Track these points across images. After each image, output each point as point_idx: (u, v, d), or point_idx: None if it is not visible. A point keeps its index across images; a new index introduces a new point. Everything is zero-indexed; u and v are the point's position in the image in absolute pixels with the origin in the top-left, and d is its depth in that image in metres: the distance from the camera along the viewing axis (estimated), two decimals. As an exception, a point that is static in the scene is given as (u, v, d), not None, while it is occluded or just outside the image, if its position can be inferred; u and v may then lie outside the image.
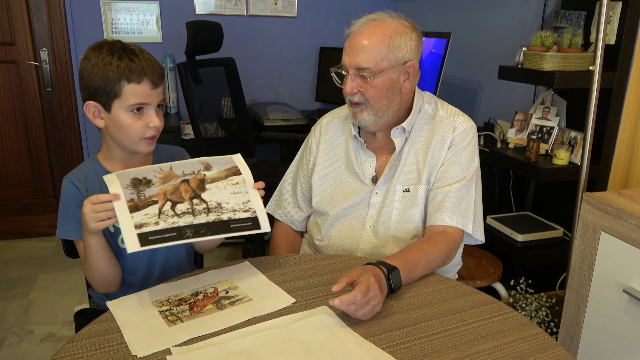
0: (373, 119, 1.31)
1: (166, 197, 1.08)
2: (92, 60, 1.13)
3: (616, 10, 1.85)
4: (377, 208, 1.37)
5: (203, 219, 1.10)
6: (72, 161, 3.24)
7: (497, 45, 2.62)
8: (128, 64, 1.12)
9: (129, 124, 1.15)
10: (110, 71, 1.11)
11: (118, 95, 1.13)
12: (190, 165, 1.12)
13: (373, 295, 0.99)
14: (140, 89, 1.13)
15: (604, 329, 1.37)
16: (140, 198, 1.05)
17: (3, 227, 3.20)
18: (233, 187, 1.14)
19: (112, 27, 3.11)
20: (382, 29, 1.25)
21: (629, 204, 1.31)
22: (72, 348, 0.92)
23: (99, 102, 1.15)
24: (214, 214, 1.11)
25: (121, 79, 1.11)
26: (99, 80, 1.12)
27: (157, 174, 1.08)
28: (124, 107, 1.14)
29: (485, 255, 2.06)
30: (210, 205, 1.11)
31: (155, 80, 1.15)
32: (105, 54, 1.13)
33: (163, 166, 1.09)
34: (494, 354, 0.92)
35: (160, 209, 1.07)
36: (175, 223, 1.07)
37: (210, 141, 2.62)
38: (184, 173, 1.10)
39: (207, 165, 1.13)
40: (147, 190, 1.06)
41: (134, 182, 1.06)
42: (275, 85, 3.53)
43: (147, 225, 1.04)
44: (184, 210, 1.09)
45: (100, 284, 1.21)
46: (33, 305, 2.49)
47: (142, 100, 1.14)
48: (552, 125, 2.08)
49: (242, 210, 1.14)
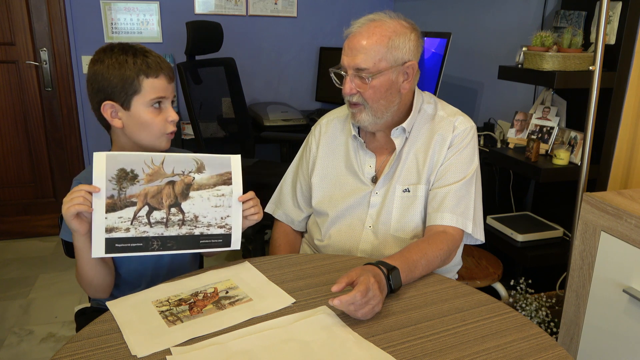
0: (372, 119, 1.31)
1: (145, 201, 1.08)
2: (106, 62, 1.15)
3: (616, 10, 1.85)
4: (377, 208, 1.37)
5: (174, 232, 1.11)
6: (72, 161, 3.24)
7: (497, 45, 2.62)
8: (144, 60, 1.15)
9: (150, 119, 1.17)
10: (127, 69, 1.14)
11: (138, 90, 1.15)
12: (184, 162, 1.11)
13: (373, 296, 0.99)
14: (158, 83, 1.16)
15: (604, 329, 1.37)
16: (120, 196, 1.06)
17: (3, 227, 3.20)
18: (217, 199, 1.14)
19: (112, 27, 3.11)
20: (381, 29, 1.25)
21: (629, 204, 1.31)
22: (72, 348, 0.92)
23: (117, 102, 1.16)
24: (187, 227, 1.12)
25: (139, 75, 1.14)
26: (116, 78, 1.14)
27: (147, 167, 1.07)
28: (144, 103, 1.16)
29: (485, 255, 2.06)
30: (186, 217, 1.12)
31: (171, 74, 1.20)
32: (118, 53, 1.15)
33: (156, 157, 1.08)
34: (494, 354, 0.92)
35: (136, 214, 1.08)
36: (145, 232, 1.09)
37: (210, 141, 2.62)
38: (174, 172, 1.09)
39: (200, 165, 1.12)
40: (130, 188, 1.07)
41: (119, 175, 1.05)
42: (275, 85, 3.53)
43: (118, 230, 1.06)
44: (158, 220, 1.10)
45: (88, 289, 1.19)
46: (33, 305, 2.49)
47: (161, 94, 1.17)
48: (552, 125, 2.08)
49: (217, 225, 1.15)
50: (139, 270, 1.26)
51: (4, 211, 3.19)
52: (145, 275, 1.28)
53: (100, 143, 3.16)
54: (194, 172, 1.12)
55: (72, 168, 3.25)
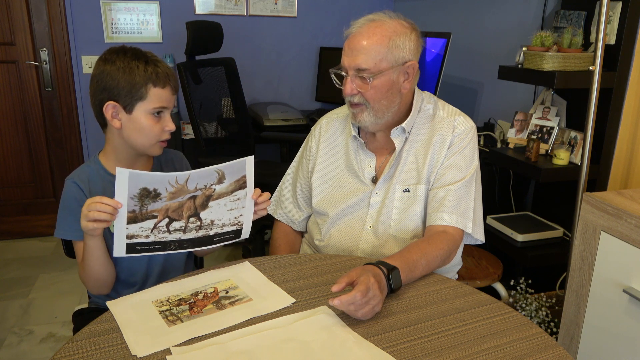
0: (373, 119, 1.31)
1: (166, 214, 1.09)
2: (117, 64, 1.17)
3: (616, 10, 1.85)
4: (377, 208, 1.37)
5: (191, 235, 1.13)
6: (72, 161, 3.24)
7: (497, 45, 2.62)
8: (155, 69, 1.18)
9: (149, 126, 1.19)
10: (137, 75, 1.16)
11: (143, 97, 1.17)
12: (206, 177, 1.09)
13: (372, 295, 0.99)
14: (164, 93, 1.20)
15: (604, 329, 1.37)
16: (141, 211, 1.06)
17: (3, 227, 3.20)
18: (232, 203, 1.15)
19: (112, 27, 3.11)
20: (381, 29, 1.25)
21: (629, 204, 1.31)
22: (72, 348, 0.92)
23: (120, 103, 1.18)
24: (204, 230, 1.14)
25: (147, 83, 1.17)
26: (125, 82, 1.16)
27: (170, 186, 1.06)
28: (147, 110, 1.18)
29: (485, 255, 2.06)
30: (203, 224, 1.14)
31: (176, 86, 1.24)
32: (131, 58, 1.18)
33: (180, 177, 1.06)
34: (494, 354, 0.92)
35: (156, 224, 1.09)
36: (164, 238, 1.11)
37: (210, 141, 2.62)
38: (197, 188, 1.09)
39: (221, 175, 1.11)
40: (152, 204, 1.06)
41: (142, 193, 1.04)
42: (275, 85, 3.53)
43: (138, 237, 1.08)
44: (177, 228, 1.11)
45: (93, 285, 1.22)
46: (33, 305, 2.49)
47: (164, 104, 1.20)
48: (552, 125, 2.08)
49: (231, 224, 1.17)
50: (131, 269, 1.28)
51: (4, 211, 3.19)
52: (138, 274, 1.29)
53: (100, 143, 3.13)
54: (215, 184, 1.11)
55: (72, 168, 3.21)
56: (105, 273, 1.19)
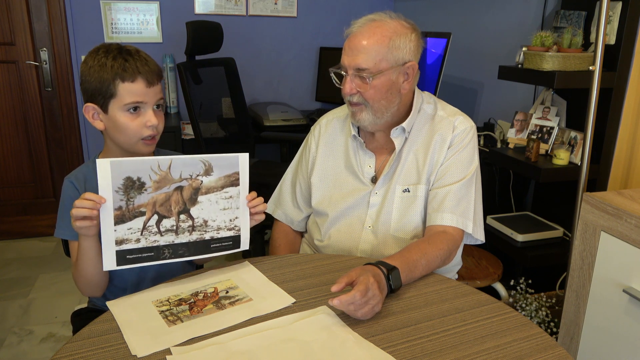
0: (372, 119, 1.31)
1: (154, 209, 1.08)
2: (89, 63, 1.14)
3: (616, 10, 1.85)
4: (376, 208, 1.37)
5: (185, 239, 1.11)
6: (72, 161, 3.24)
7: (497, 45, 2.62)
8: (122, 64, 1.12)
9: (125, 123, 1.15)
10: (105, 72, 1.12)
11: (114, 95, 1.13)
12: (191, 165, 1.09)
13: (372, 295, 0.99)
14: (134, 88, 1.13)
15: (604, 329, 1.37)
16: (128, 207, 1.05)
17: (3, 227, 3.20)
18: (225, 201, 1.14)
19: (112, 27, 3.11)
20: (382, 29, 1.25)
21: (629, 204, 1.31)
22: (72, 348, 0.92)
23: (96, 104, 1.15)
24: (197, 232, 1.12)
25: (115, 79, 1.12)
26: (95, 81, 1.13)
27: (153, 174, 1.06)
28: (120, 107, 1.14)
29: (485, 255, 2.06)
30: (196, 223, 1.12)
31: (150, 78, 1.15)
32: (101, 55, 1.14)
33: (162, 162, 1.06)
34: (494, 354, 0.92)
35: (145, 223, 1.07)
36: (155, 242, 1.09)
37: (210, 141, 2.62)
38: (181, 177, 1.08)
39: (208, 167, 1.11)
40: (138, 197, 1.05)
41: (126, 184, 1.04)
42: (275, 85, 3.53)
43: (128, 241, 1.06)
44: (168, 228, 1.10)
45: (85, 286, 1.19)
46: (33, 305, 2.49)
47: (137, 99, 1.14)
48: (552, 125, 2.08)
49: (227, 228, 1.15)
50: (123, 274, 1.25)
51: (4, 211, 3.19)
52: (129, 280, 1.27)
53: (100, 143, 3.14)
54: (202, 175, 1.10)
55: (72, 168, 3.20)
56: (98, 276, 1.16)
